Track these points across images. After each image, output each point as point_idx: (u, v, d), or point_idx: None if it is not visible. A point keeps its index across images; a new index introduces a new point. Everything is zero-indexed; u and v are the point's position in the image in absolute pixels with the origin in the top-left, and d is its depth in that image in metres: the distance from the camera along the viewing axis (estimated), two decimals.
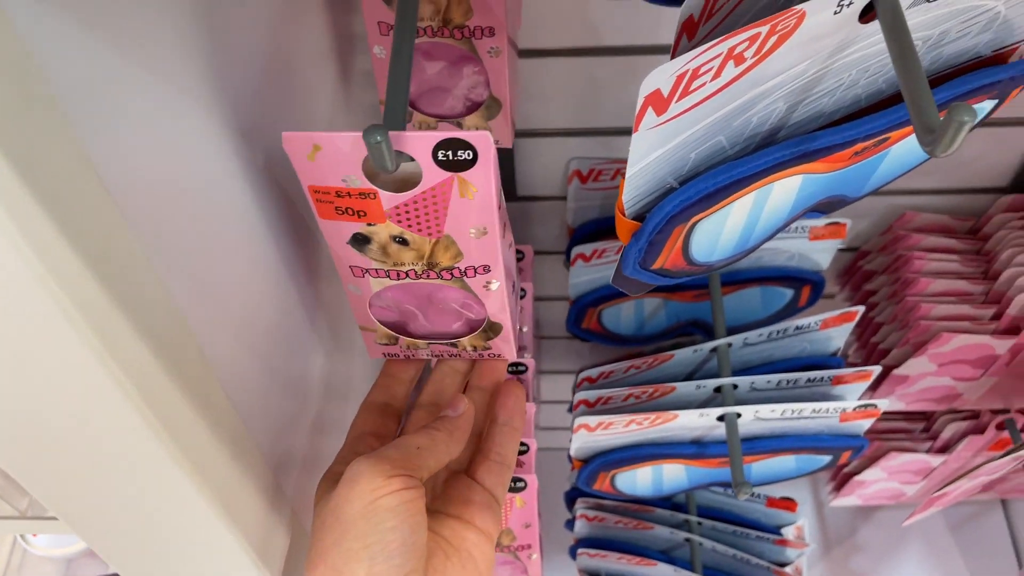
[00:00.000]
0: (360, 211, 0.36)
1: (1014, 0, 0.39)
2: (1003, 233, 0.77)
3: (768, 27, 0.34)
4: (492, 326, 0.44)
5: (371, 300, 0.42)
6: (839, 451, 0.72)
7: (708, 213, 0.40)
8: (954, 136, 0.30)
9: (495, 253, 0.39)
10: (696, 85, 0.35)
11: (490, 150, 0.34)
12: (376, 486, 0.36)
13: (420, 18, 0.47)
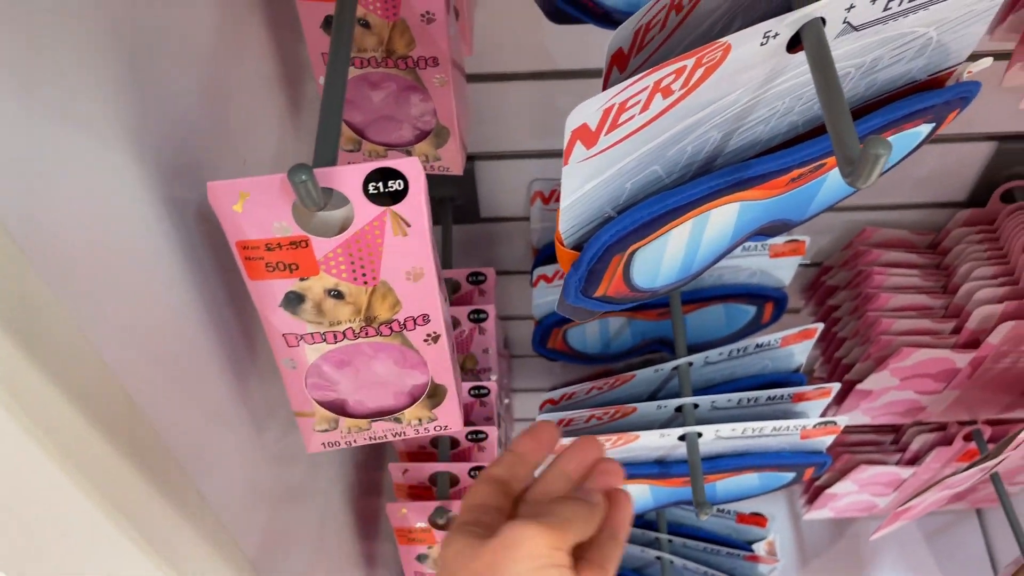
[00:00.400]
0: (292, 264, 0.36)
1: (945, 26, 0.39)
2: (961, 247, 0.78)
3: (694, 60, 0.34)
4: (436, 390, 0.43)
5: (307, 375, 0.41)
6: (802, 468, 0.72)
7: (646, 242, 0.41)
8: (871, 168, 0.31)
9: (433, 298, 0.38)
10: (625, 118, 0.35)
11: (420, 177, 0.34)
12: (541, 554, 0.35)
13: (363, 49, 0.47)
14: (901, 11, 0.36)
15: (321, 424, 0.44)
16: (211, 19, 0.42)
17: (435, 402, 0.43)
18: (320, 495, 0.62)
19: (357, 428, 0.44)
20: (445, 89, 0.49)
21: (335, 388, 0.42)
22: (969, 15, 0.39)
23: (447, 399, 0.43)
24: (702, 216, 0.41)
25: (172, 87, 0.37)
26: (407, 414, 0.44)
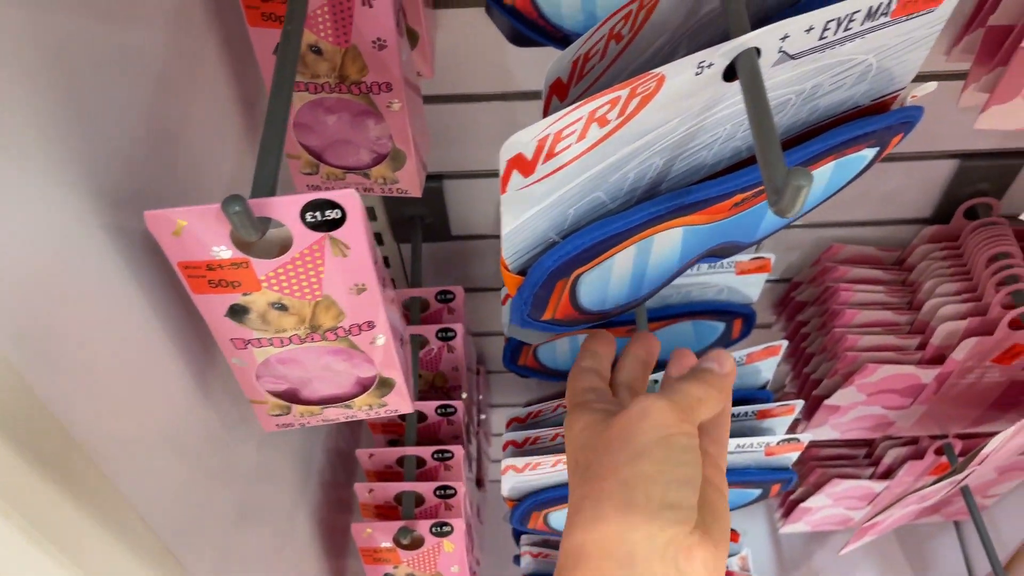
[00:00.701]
0: (234, 282, 0.36)
1: (885, 53, 0.40)
2: (925, 264, 0.79)
3: (628, 90, 0.35)
4: (384, 382, 0.44)
5: (258, 371, 0.42)
6: (767, 484, 0.73)
7: (590, 266, 0.41)
8: (793, 199, 0.31)
9: (377, 308, 0.39)
10: (561, 147, 0.35)
11: (357, 208, 0.34)
12: (670, 423, 0.38)
13: (316, 75, 0.48)
14: (837, 40, 0.37)
15: (274, 410, 0.45)
16: (163, 43, 0.42)
17: (383, 392, 0.45)
18: (282, 513, 0.62)
19: (309, 413, 0.46)
20: (400, 114, 0.50)
21: (287, 380, 0.43)
22: (908, 42, 0.40)
23: (395, 388, 0.44)
24: (646, 240, 0.42)
25: (120, 113, 0.38)
26: (357, 401, 0.45)
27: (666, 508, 0.36)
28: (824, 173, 0.45)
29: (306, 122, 0.51)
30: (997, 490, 1.04)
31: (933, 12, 0.38)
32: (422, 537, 0.66)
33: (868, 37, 0.38)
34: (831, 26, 0.36)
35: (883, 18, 0.37)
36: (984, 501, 1.07)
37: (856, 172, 0.47)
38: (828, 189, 0.48)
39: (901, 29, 0.38)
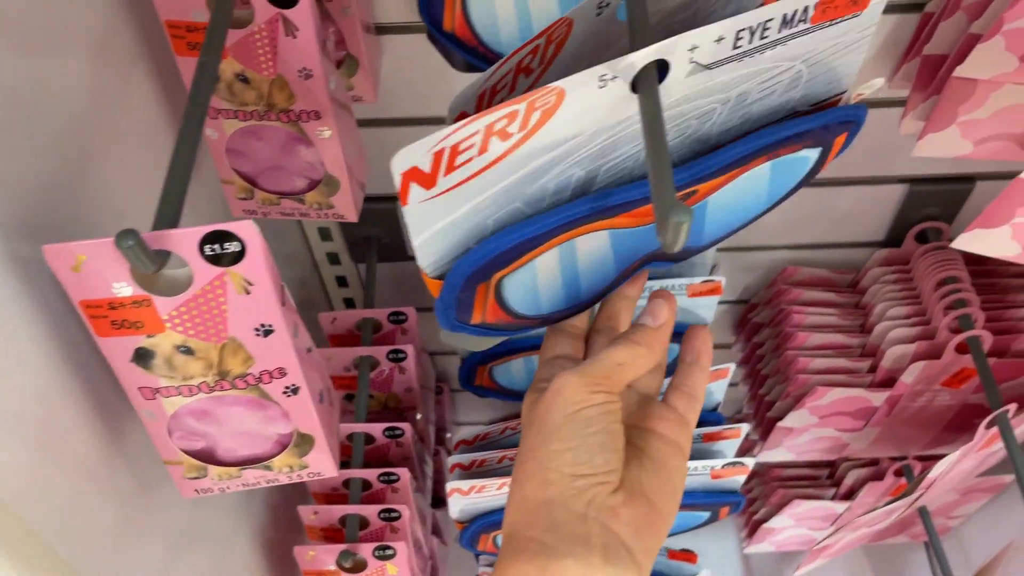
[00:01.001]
0: (136, 322, 0.36)
1: (815, 59, 0.39)
2: (877, 287, 0.79)
3: (525, 104, 0.35)
4: (303, 438, 0.43)
5: (169, 426, 0.42)
6: (715, 507, 0.73)
7: (510, 270, 0.41)
8: (675, 234, 0.31)
9: (287, 353, 0.39)
10: (462, 160, 0.35)
11: (256, 240, 0.34)
12: (580, 398, 0.39)
13: (245, 103, 0.48)
14: (755, 48, 0.37)
15: (190, 472, 0.44)
16: (85, 75, 0.43)
17: (303, 451, 0.44)
18: (221, 539, 0.62)
19: (228, 476, 0.45)
20: (331, 141, 0.50)
21: (201, 437, 0.42)
22: (838, 47, 0.39)
23: (316, 448, 0.44)
24: (567, 244, 0.41)
25: (32, 144, 0.38)
26: (276, 462, 0.44)
27: (578, 478, 0.38)
28: (760, 176, 0.44)
29: (238, 148, 0.51)
30: (961, 511, 1.04)
31: (860, 16, 0.38)
32: (365, 560, 0.66)
33: (791, 44, 0.38)
34: (744, 35, 0.36)
35: (802, 25, 0.37)
36: (948, 522, 1.07)
37: (801, 176, 0.47)
38: (772, 194, 0.47)
39: (827, 34, 0.38)
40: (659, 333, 0.43)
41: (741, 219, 0.47)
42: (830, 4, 0.36)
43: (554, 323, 0.47)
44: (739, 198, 0.45)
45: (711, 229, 0.47)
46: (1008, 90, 0.56)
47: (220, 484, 0.45)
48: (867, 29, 0.39)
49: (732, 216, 0.46)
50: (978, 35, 0.54)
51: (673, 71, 0.36)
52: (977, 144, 0.60)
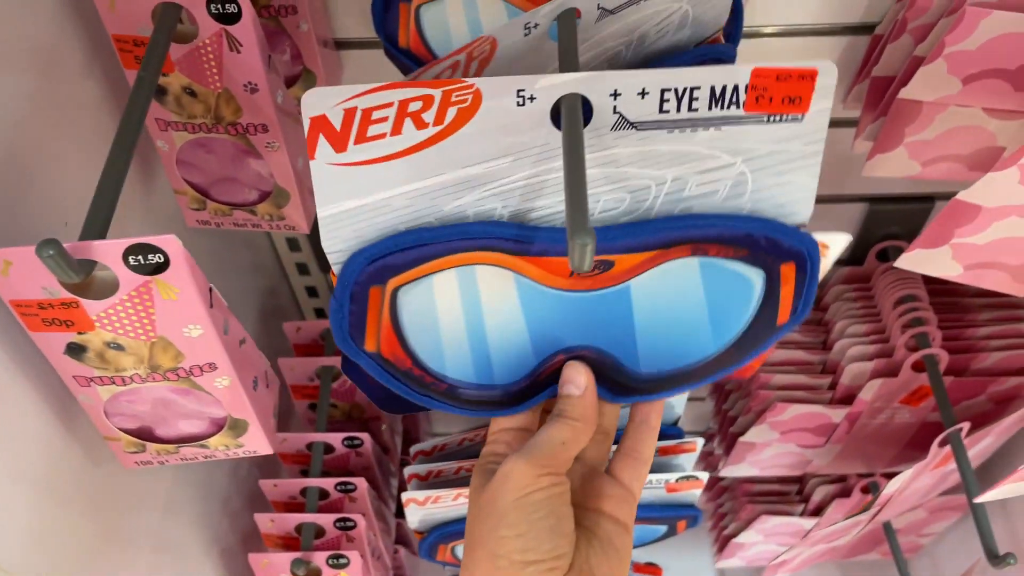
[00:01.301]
0: (67, 321, 0.37)
1: (758, 163, 0.38)
2: (838, 304, 0.80)
3: (441, 92, 0.35)
4: (236, 423, 0.45)
5: (106, 408, 0.43)
6: (672, 521, 0.73)
7: (405, 279, 0.39)
8: (581, 256, 0.31)
9: (216, 350, 0.40)
10: (374, 132, 0.36)
11: (180, 254, 0.35)
12: (527, 483, 0.38)
13: (193, 115, 0.49)
14: (684, 120, 0.37)
15: (129, 447, 0.46)
16: (32, 89, 0.44)
17: (238, 432, 0.45)
18: (179, 544, 0.62)
19: (166, 451, 0.46)
20: (279, 153, 0.51)
21: (138, 419, 0.44)
22: (784, 157, 0.38)
23: (251, 429, 0.45)
24: (468, 273, 0.40)
25: None
26: (212, 442, 0.46)
27: (528, 565, 0.38)
28: (690, 280, 0.41)
29: (189, 160, 0.52)
30: (931, 529, 1.05)
31: (802, 123, 0.37)
32: (319, 569, 0.66)
33: (725, 131, 0.37)
34: (669, 96, 0.36)
35: (735, 109, 0.36)
36: (919, 540, 1.07)
37: (746, 309, 0.41)
38: (716, 322, 0.41)
39: (767, 133, 0.37)
40: (587, 399, 0.41)
41: (682, 351, 0.42)
42: (763, 93, 0.36)
43: (462, 407, 0.44)
44: (672, 307, 0.41)
45: (647, 351, 0.43)
46: (953, 112, 0.57)
47: (159, 458, 0.46)
48: (813, 144, 0.37)
49: (669, 340, 0.42)
50: (923, 57, 0.55)
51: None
52: (925, 165, 0.61)
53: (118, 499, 0.52)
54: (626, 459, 0.44)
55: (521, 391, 0.43)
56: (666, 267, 0.40)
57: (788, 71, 0.35)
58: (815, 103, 0.36)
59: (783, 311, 0.40)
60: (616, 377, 0.43)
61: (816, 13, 0.62)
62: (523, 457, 0.39)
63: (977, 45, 0.52)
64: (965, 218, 0.51)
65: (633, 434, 0.44)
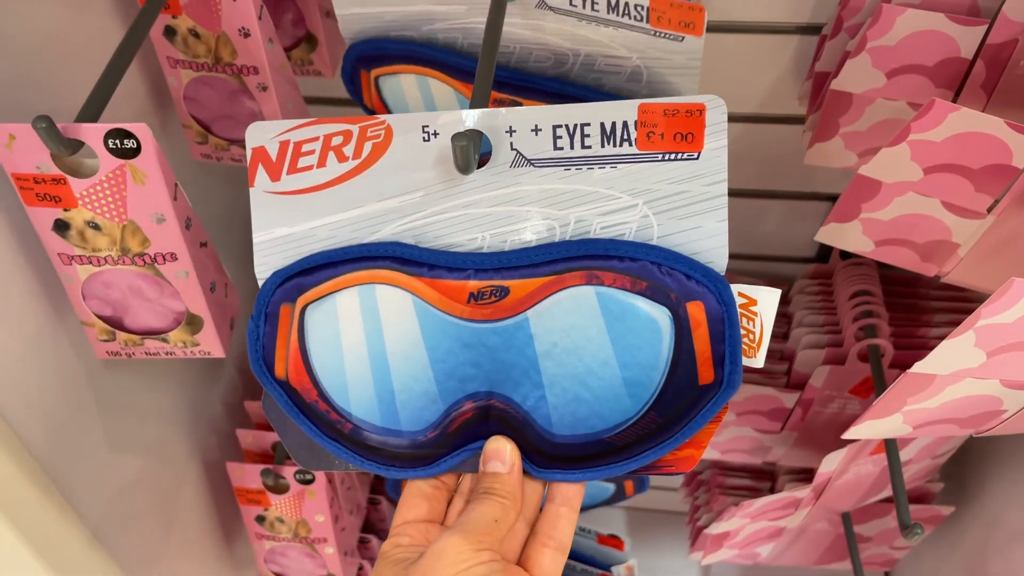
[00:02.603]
0: (55, 196, 0.46)
1: (659, 205, 0.38)
2: (800, 297, 0.84)
3: (358, 127, 0.38)
4: (192, 319, 0.52)
5: (83, 290, 0.50)
6: (620, 479, 0.78)
7: (313, 296, 0.40)
8: (463, 154, 0.37)
9: (178, 240, 0.48)
10: (304, 165, 0.39)
11: (150, 140, 0.43)
12: (466, 557, 0.36)
13: (197, 55, 0.58)
14: (579, 158, 0.38)
15: (102, 335, 0.53)
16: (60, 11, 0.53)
17: (195, 329, 0.52)
18: (164, 450, 0.70)
19: (133, 342, 0.54)
20: (267, 95, 0.59)
21: (109, 305, 0.51)
22: (685, 198, 0.38)
23: (205, 328, 0.52)
24: (369, 293, 0.40)
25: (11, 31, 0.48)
26: (172, 336, 0.53)
27: None
28: (593, 320, 0.39)
29: (194, 96, 0.61)
30: (904, 542, 1.07)
31: (698, 161, 0.37)
32: (287, 483, 0.73)
33: (622, 169, 0.37)
34: (562, 133, 0.37)
35: (628, 146, 0.37)
36: (893, 553, 1.09)
37: (655, 359, 0.39)
38: (628, 380, 0.39)
39: (664, 172, 0.37)
40: (514, 475, 0.39)
41: (596, 409, 0.39)
42: (654, 130, 0.36)
43: (369, 458, 0.41)
44: (576, 348, 0.39)
45: (558, 406, 0.40)
46: (880, 104, 0.62)
47: (127, 349, 0.54)
48: (715, 185, 0.37)
49: (579, 392, 0.40)
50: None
51: (495, 153, 0.37)
52: (861, 155, 0.66)
53: (116, 395, 0.61)
54: (543, 548, 0.40)
55: (430, 442, 0.41)
56: (561, 297, 0.39)
57: (675, 106, 0.36)
58: (709, 140, 0.36)
59: (703, 367, 0.37)
60: (533, 441, 0.40)
61: (771, 11, 0.67)
62: (457, 533, 0.37)
63: (896, 40, 0.57)
64: (869, 192, 0.56)
65: (551, 520, 0.41)
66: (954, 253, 0.57)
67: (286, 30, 0.67)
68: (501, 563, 0.37)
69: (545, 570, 0.40)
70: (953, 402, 0.50)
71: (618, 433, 0.39)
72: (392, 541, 0.40)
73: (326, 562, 0.79)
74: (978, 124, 0.49)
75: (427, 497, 0.41)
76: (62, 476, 0.55)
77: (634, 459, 0.39)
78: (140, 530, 0.66)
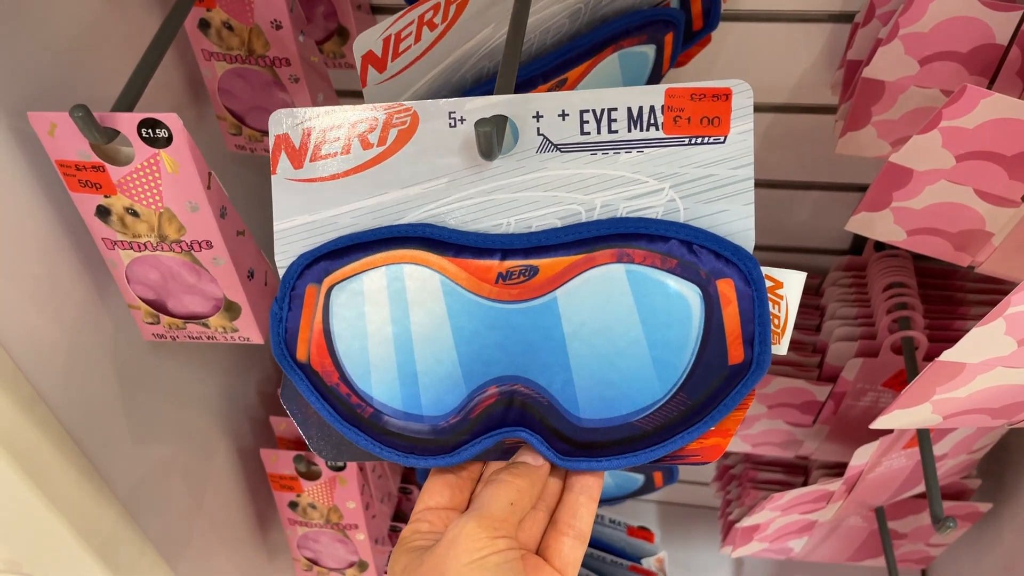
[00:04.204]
0: (96, 183, 0.47)
1: (686, 189, 0.39)
2: (833, 289, 0.83)
3: (384, 114, 0.38)
4: (231, 305, 0.53)
5: (128, 273, 0.52)
6: (649, 470, 0.78)
7: (339, 277, 0.40)
8: (483, 143, 0.37)
9: (212, 229, 0.49)
10: (326, 152, 0.39)
11: (181, 130, 0.44)
12: (482, 545, 0.35)
13: (230, 47, 0.59)
14: (605, 143, 0.38)
15: (147, 317, 0.55)
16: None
17: (233, 315, 0.54)
18: (202, 431, 0.72)
19: (176, 326, 0.55)
20: (299, 86, 0.60)
21: (152, 289, 0.53)
22: (712, 181, 0.38)
23: (243, 315, 0.53)
24: (397, 273, 0.40)
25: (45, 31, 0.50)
26: (212, 321, 0.54)
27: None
28: (610, 295, 0.39)
29: (228, 88, 0.62)
30: (940, 539, 1.05)
31: (724, 144, 0.37)
32: (319, 469, 0.75)
33: (649, 153, 0.38)
34: (589, 118, 0.37)
35: (654, 131, 0.37)
36: (929, 550, 1.08)
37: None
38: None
39: (690, 156, 0.38)
40: (540, 471, 0.40)
41: (624, 392, 0.39)
42: (680, 114, 0.37)
43: (389, 446, 0.41)
44: (605, 328, 0.39)
45: (585, 388, 0.40)
46: (913, 92, 0.61)
47: (171, 332, 0.55)
48: (741, 168, 0.37)
49: (607, 374, 0.40)
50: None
51: (522, 138, 0.38)
52: (894, 144, 0.65)
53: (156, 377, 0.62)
54: (562, 537, 0.40)
55: (451, 428, 0.41)
56: (591, 275, 0.39)
57: (702, 90, 0.36)
58: (735, 125, 0.36)
59: (733, 346, 0.38)
60: (557, 426, 0.40)
61: (803, 0, 0.67)
62: (471, 519, 0.36)
63: (929, 27, 0.57)
64: (900, 181, 0.55)
65: (571, 507, 0.40)
66: (988, 242, 0.56)
67: (318, 23, 0.68)
68: (517, 551, 0.37)
69: (565, 559, 0.39)
70: (984, 391, 0.50)
71: (646, 416, 0.39)
72: (412, 527, 0.39)
73: (357, 548, 0.80)
74: (1012, 110, 0.48)
75: (450, 485, 0.41)
76: (99, 457, 0.56)
77: (661, 445, 0.38)
78: (176, 512, 0.67)
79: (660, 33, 0.52)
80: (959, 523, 1.02)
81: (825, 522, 0.95)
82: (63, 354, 0.53)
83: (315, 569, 0.84)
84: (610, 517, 0.98)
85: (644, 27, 0.52)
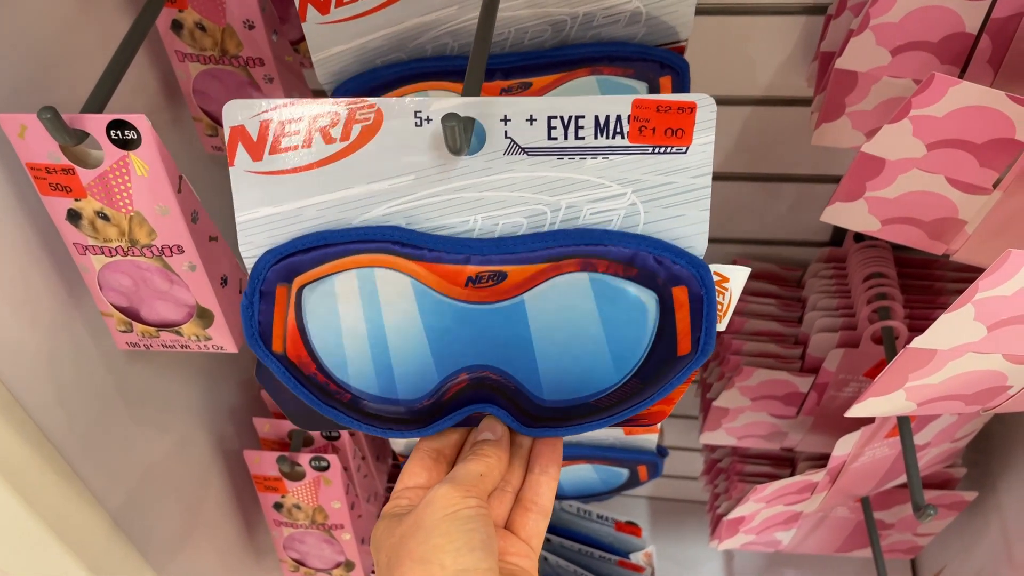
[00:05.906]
0: (66, 186, 0.47)
1: (648, 194, 0.40)
2: (814, 281, 0.84)
3: (347, 109, 0.38)
4: (203, 312, 0.52)
5: (100, 279, 0.51)
6: (633, 464, 0.78)
7: (309, 277, 0.41)
8: (451, 134, 0.37)
9: (183, 233, 0.48)
10: (286, 144, 0.39)
11: (150, 133, 0.44)
12: (455, 502, 0.39)
13: (204, 48, 0.59)
14: (570, 148, 0.39)
15: (120, 325, 0.54)
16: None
17: (206, 323, 0.53)
18: (185, 438, 0.72)
19: (149, 334, 0.55)
20: (274, 86, 0.60)
21: (125, 296, 0.53)
22: (672, 188, 0.39)
23: (216, 322, 0.53)
24: (368, 276, 0.41)
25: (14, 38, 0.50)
26: (186, 329, 0.54)
27: (460, 571, 0.38)
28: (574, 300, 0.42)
29: (203, 89, 0.62)
30: (927, 528, 1.06)
31: (686, 155, 0.38)
32: (303, 470, 0.75)
33: (614, 160, 0.39)
34: (556, 124, 0.38)
35: (620, 139, 0.38)
36: (916, 540, 1.08)
37: (636, 328, 0.43)
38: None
39: (653, 164, 0.39)
40: (502, 443, 0.43)
41: (584, 379, 0.43)
42: (646, 124, 0.38)
43: (368, 422, 0.43)
44: (568, 327, 0.42)
45: (549, 376, 0.43)
46: (886, 83, 0.62)
47: (144, 340, 0.55)
48: (700, 177, 0.39)
49: (569, 365, 0.43)
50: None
51: (489, 140, 0.38)
52: (868, 135, 0.66)
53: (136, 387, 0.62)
54: (527, 513, 0.44)
55: (426, 409, 0.44)
56: (557, 282, 0.41)
57: (668, 103, 0.37)
58: (698, 136, 0.38)
59: (683, 340, 0.41)
60: (524, 406, 0.43)
61: None
62: (445, 483, 0.40)
63: (900, 17, 0.57)
64: (872, 170, 0.56)
65: (533, 485, 0.45)
66: (961, 230, 0.56)
67: (292, 23, 0.68)
68: (487, 509, 0.40)
69: (530, 531, 0.44)
70: (956, 378, 0.50)
71: (602, 397, 0.43)
72: (392, 503, 0.43)
73: (344, 548, 0.80)
74: (980, 98, 0.48)
75: (427, 468, 0.44)
76: (80, 463, 0.56)
77: (614, 415, 0.42)
78: (160, 517, 0.67)
79: (653, 72, 0.50)
80: (945, 512, 1.02)
81: (812, 514, 0.96)
82: (41, 361, 0.53)
83: (302, 570, 0.84)
84: (598, 513, 0.98)
85: (630, 61, 0.50)
